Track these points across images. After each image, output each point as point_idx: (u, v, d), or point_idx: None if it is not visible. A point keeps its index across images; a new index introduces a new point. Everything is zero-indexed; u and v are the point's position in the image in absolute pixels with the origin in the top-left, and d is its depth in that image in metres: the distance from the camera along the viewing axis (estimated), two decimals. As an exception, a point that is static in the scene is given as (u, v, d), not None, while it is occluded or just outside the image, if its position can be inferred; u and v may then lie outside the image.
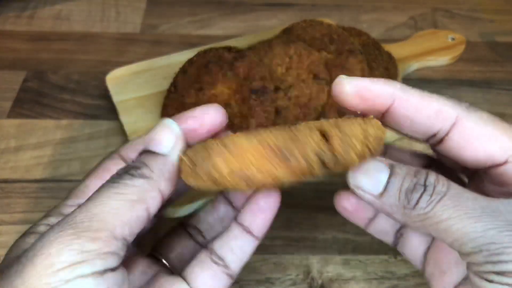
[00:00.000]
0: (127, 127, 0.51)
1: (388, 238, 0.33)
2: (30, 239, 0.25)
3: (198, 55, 0.50)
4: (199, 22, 0.68)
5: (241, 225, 0.31)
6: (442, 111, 0.26)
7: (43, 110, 0.55)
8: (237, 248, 0.30)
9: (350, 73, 0.51)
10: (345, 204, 0.32)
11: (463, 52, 0.63)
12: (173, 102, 0.50)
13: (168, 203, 0.29)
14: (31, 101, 0.56)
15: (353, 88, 0.26)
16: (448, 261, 0.29)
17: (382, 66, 0.55)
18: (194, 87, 0.48)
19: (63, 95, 0.57)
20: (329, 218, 0.46)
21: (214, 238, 0.32)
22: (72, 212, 0.23)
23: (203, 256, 0.30)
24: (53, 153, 0.51)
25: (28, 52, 0.62)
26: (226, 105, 0.46)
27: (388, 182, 0.24)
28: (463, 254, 0.23)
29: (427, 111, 0.26)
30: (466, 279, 0.29)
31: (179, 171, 0.26)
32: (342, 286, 0.42)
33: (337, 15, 0.70)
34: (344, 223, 0.41)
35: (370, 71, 0.54)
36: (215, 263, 0.30)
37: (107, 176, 0.26)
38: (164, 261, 0.33)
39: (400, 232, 0.32)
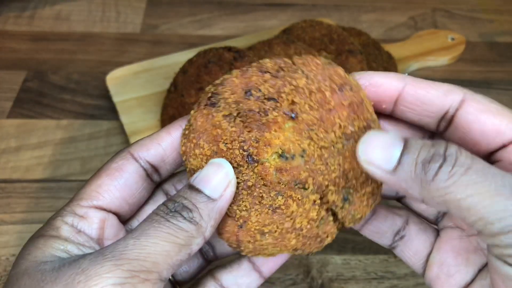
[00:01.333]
0: (127, 127, 0.51)
1: (385, 240, 0.31)
2: (55, 244, 0.25)
3: (198, 55, 0.50)
4: (199, 22, 0.68)
5: (252, 262, 0.31)
6: (451, 90, 0.26)
7: (43, 110, 0.55)
8: (244, 285, 0.31)
9: (350, 73, 0.51)
10: None
11: (463, 52, 0.63)
12: (173, 102, 0.50)
13: None
14: (31, 101, 0.56)
15: (366, 81, 0.27)
16: (458, 263, 0.28)
17: (381, 66, 0.56)
18: (194, 87, 0.48)
19: (63, 95, 0.57)
20: (329, 218, 0.46)
21: (221, 267, 0.32)
22: (124, 242, 0.24)
23: (209, 285, 0.31)
24: (53, 153, 0.51)
25: (28, 52, 0.62)
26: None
27: (402, 155, 0.22)
28: (486, 235, 0.21)
29: (437, 91, 0.26)
30: (473, 280, 0.28)
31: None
32: (342, 286, 0.42)
33: (337, 15, 0.70)
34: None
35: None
36: None
37: (120, 178, 0.27)
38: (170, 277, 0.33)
39: (399, 234, 0.31)
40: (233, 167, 0.26)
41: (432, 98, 0.26)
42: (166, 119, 0.50)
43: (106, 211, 0.28)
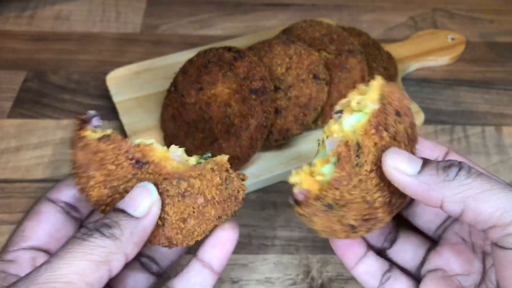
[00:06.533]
0: (127, 127, 0.51)
1: (374, 281, 0.33)
2: None
3: (198, 55, 0.50)
4: (199, 22, 0.68)
5: (201, 261, 0.31)
6: (436, 145, 0.34)
7: (44, 110, 0.55)
8: (197, 284, 0.30)
9: (350, 73, 0.51)
10: (339, 241, 0.34)
11: (463, 52, 0.63)
12: (173, 102, 0.50)
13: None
14: (31, 101, 0.56)
15: None
16: None
17: (381, 66, 0.56)
18: (194, 87, 0.48)
19: (63, 95, 0.57)
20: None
21: (173, 275, 0.31)
22: (37, 269, 0.24)
23: None
24: (54, 153, 0.51)
25: (28, 52, 0.62)
26: (226, 105, 0.46)
27: (424, 165, 0.27)
28: (502, 226, 0.25)
29: (429, 144, 0.33)
30: None
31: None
32: (342, 286, 0.42)
33: (337, 15, 0.70)
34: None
35: (370, 71, 0.54)
36: None
37: (40, 219, 0.30)
38: None
39: (386, 275, 0.33)
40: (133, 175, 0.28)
41: (425, 150, 0.33)
42: (166, 119, 0.50)
43: (36, 250, 0.29)
